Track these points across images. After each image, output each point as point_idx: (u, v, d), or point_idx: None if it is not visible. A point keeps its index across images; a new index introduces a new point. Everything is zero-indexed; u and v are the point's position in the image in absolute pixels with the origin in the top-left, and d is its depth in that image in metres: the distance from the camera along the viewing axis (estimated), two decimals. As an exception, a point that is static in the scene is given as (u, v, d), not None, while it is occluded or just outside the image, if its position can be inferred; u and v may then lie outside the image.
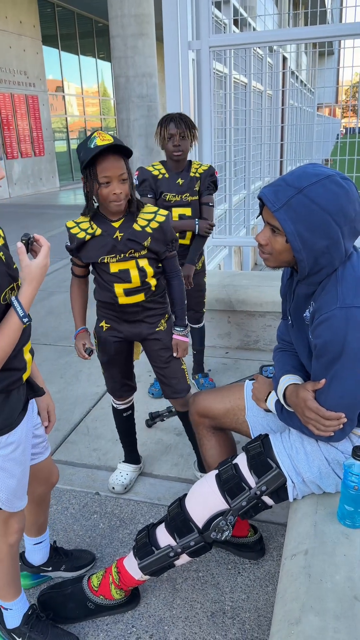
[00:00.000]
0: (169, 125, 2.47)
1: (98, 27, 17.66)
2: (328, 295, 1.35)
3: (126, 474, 2.32)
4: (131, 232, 1.87)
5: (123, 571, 1.68)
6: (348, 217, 1.30)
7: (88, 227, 1.89)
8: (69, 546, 2.03)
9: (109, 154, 1.71)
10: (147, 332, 2.05)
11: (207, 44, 3.38)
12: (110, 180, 1.73)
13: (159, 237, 1.90)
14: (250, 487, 1.51)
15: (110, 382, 2.20)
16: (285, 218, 1.32)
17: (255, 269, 7.71)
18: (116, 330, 2.06)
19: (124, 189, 1.77)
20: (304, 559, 1.31)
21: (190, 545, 1.56)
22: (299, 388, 1.43)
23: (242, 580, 1.86)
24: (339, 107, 13.83)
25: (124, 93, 8.65)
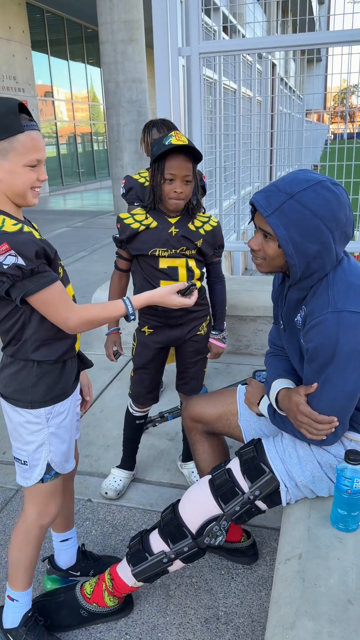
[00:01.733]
0: (152, 131, 2.46)
1: (87, 33, 17.70)
2: (319, 300, 1.36)
3: (119, 480, 2.31)
4: (186, 230, 1.93)
5: (116, 578, 1.67)
6: (339, 222, 1.32)
7: (143, 219, 1.93)
8: (61, 553, 2.02)
9: (180, 154, 1.79)
10: (189, 336, 2.08)
11: (197, 51, 3.39)
12: (174, 178, 1.81)
13: (209, 239, 1.99)
14: (244, 492, 1.51)
15: (138, 387, 2.18)
16: (277, 223, 1.34)
17: (245, 273, 7.73)
18: (159, 336, 2.07)
19: (186, 190, 1.84)
20: (297, 564, 1.31)
21: (184, 551, 1.56)
22: (291, 392, 1.44)
23: (235, 586, 1.86)
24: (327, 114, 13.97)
25: (113, 98, 8.65)
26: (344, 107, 6.47)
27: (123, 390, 3.19)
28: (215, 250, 2.05)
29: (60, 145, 16.99)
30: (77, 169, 18.02)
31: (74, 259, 6.87)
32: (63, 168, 16.91)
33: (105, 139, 19.41)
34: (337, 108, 10.46)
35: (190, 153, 1.81)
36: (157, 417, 2.66)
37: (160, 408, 2.95)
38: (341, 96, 8.36)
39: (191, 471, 2.33)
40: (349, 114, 5.84)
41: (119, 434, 2.75)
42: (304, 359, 1.50)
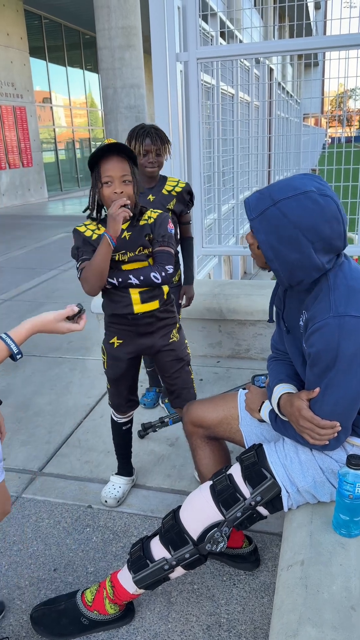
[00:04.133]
0: (145, 141, 2.40)
1: (85, 39, 17.76)
2: (321, 304, 1.36)
3: (119, 487, 2.29)
4: (137, 229, 1.91)
5: (117, 585, 1.66)
6: (321, 234, 1.31)
7: (95, 229, 1.92)
8: (61, 560, 2.01)
9: (113, 156, 1.78)
10: (161, 344, 2.05)
11: (195, 56, 3.41)
12: (112, 180, 1.79)
13: (154, 228, 1.94)
14: (245, 498, 1.50)
15: (116, 398, 2.17)
16: (258, 228, 1.36)
17: (244, 277, 7.74)
18: (129, 345, 2.04)
19: (127, 190, 1.81)
20: (300, 570, 1.30)
21: (186, 557, 1.55)
22: (293, 397, 1.43)
23: (237, 592, 1.84)
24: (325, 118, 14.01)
25: (112, 104, 8.69)
26: (341, 111, 6.48)
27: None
28: (162, 238, 1.94)
29: (59, 150, 17.03)
30: (76, 175, 18.05)
31: (73, 264, 6.86)
32: (62, 174, 16.94)
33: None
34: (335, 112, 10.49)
35: (123, 154, 1.79)
36: (157, 423, 2.65)
37: (160, 413, 2.95)
38: (338, 100, 8.40)
39: None
40: (346, 117, 5.85)
41: (119, 440, 2.74)
42: (306, 362, 1.50)
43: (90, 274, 1.82)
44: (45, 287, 5.81)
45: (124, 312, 1.95)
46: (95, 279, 1.82)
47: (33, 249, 7.63)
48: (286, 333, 1.56)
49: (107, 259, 1.80)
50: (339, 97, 7.00)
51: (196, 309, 3.27)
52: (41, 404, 3.16)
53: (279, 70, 16.09)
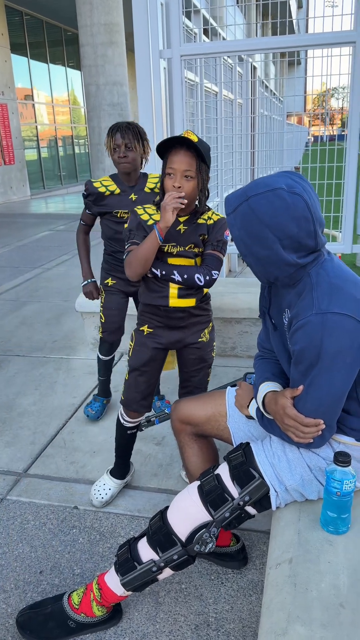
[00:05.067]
0: (115, 135, 2.37)
1: (67, 36, 17.62)
2: (304, 302, 1.35)
3: (109, 489, 2.25)
4: (194, 226, 1.90)
5: (104, 587, 1.64)
6: (287, 232, 1.31)
7: (153, 214, 1.93)
8: (47, 562, 1.98)
9: (181, 149, 1.77)
10: (190, 341, 2.05)
11: (179, 53, 3.39)
12: (174, 172, 1.79)
13: (212, 230, 1.94)
14: (233, 498, 1.50)
15: (132, 391, 2.09)
16: (233, 223, 1.38)
17: (229, 275, 7.74)
18: (158, 336, 2.03)
19: (186, 185, 1.80)
20: (288, 568, 1.30)
21: (174, 559, 1.54)
22: (278, 395, 1.43)
23: (225, 591, 1.84)
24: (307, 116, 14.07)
25: (94, 101, 8.64)
26: (323, 109, 6.53)
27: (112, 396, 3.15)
28: (217, 242, 1.97)
29: (41, 148, 16.87)
30: (59, 172, 17.91)
31: (56, 262, 6.80)
32: (44, 171, 16.78)
33: (86, 142, 19.32)
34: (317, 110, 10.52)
35: (192, 149, 1.78)
36: (143, 421, 2.63)
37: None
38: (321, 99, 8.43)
39: None
40: (328, 116, 5.88)
41: (104, 440, 2.73)
42: (290, 359, 1.50)
43: (135, 260, 1.83)
44: (28, 285, 5.76)
45: (159, 303, 1.95)
46: (139, 266, 1.84)
47: (16, 248, 7.55)
48: (273, 330, 1.56)
49: (154, 249, 1.82)
50: (321, 95, 7.03)
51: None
52: (25, 405, 3.12)
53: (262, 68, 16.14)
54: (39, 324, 4.48)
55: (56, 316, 4.61)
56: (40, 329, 4.35)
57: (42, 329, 4.35)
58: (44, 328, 4.38)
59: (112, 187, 2.52)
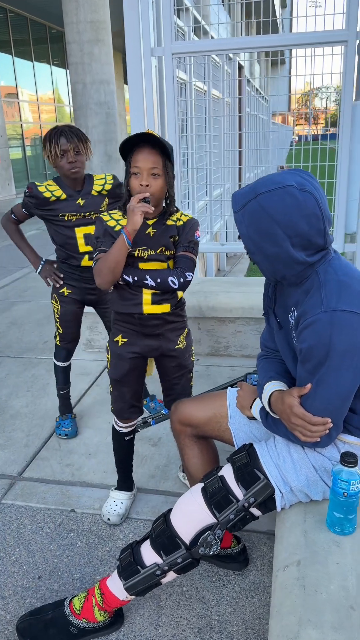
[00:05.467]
0: (59, 141, 2.26)
1: (52, 34, 17.47)
2: (312, 300, 1.34)
3: (120, 502, 2.16)
4: (163, 228, 1.84)
5: (107, 592, 1.62)
6: (298, 229, 1.30)
7: (120, 219, 1.85)
8: (46, 567, 1.95)
9: (145, 147, 1.72)
10: (167, 348, 1.99)
11: (170, 51, 3.36)
12: (140, 171, 1.73)
13: (182, 231, 1.89)
14: (238, 500, 1.48)
15: (119, 402, 2.06)
16: (240, 220, 1.37)
17: (218, 274, 7.74)
18: (134, 345, 1.96)
19: (154, 184, 1.74)
20: (297, 570, 1.29)
21: (178, 562, 1.52)
22: (284, 394, 1.42)
23: (227, 593, 1.82)
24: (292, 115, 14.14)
25: (81, 99, 8.56)
26: (307, 109, 6.54)
27: (102, 397, 3.13)
28: (188, 243, 1.90)
29: (26, 147, 16.72)
30: (44, 171, 17.77)
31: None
32: (29, 170, 16.64)
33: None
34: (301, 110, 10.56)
35: (157, 146, 1.73)
36: (140, 423, 2.61)
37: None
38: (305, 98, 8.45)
39: None
40: (312, 116, 5.90)
41: (100, 441, 2.70)
42: (297, 359, 1.48)
43: (104, 267, 1.76)
44: (16, 285, 5.69)
45: (132, 311, 1.89)
46: (108, 273, 1.77)
47: (3, 247, 7.46)
48: (278, 329, 1.54)
49: (123, 254, 1.75)
50: (305, 95, 7.04)
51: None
52: (18, 407, 3.08)
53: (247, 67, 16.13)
54: (29, 325, 4.42)
55: (46, 316, 4.56)
56: (31, 330, 4.30)
57: (33, 330, 4.30)
58: (35, 328, 4.33)
59: (57, 193, 2.41)
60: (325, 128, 8.28)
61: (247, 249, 1.38)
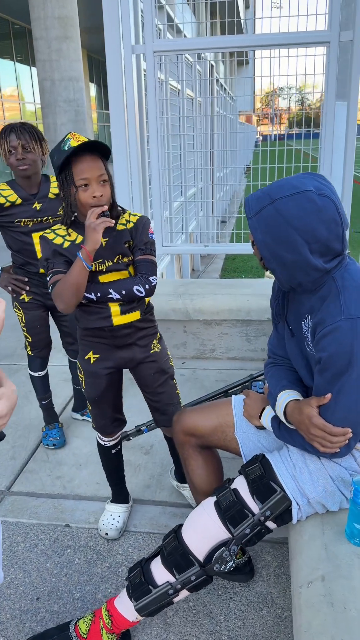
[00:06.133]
0: (9, 137, 2.15)
1: (15, 29, 17.07)
2: (331, 307, 1.31)
3: (118, 516, 2.08)
4: (115, 235, 1.72)
5: (115, 614, 1.55)
6: (317, 235, 1.27)
7: (66, 235, 1.72)
8: (44, 587, 1.87)
9: (85, 155, 1.60)
10: (142, 356, 1.88)
11: (152, 49, 3.29)
12: (88, 182, 1.61)
13: (135, 234, 1.77)
14: (254, 514, 1.44)
15: (100, 419, 1.97)
16: (256, 227, 1.33)
17: (193, 275, 7.70)
18: (107, 360, 1.85)
19: (105, 191, 1.64)
20: (322, 586, 1.25)
21: (191, 580, 1.46)
22: (302, 404, 1.37)
23: (235, 606, 1.78)
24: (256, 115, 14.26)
25: (49, 97, 8.39)
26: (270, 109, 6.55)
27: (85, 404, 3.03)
28: (144, 245, 1.79)
29: (-10, 145, 16.31)
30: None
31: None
32: (-7, 169, 16.24)
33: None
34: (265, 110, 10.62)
35: (96, 151, 1.63)
36: (132, 431, 2.54)
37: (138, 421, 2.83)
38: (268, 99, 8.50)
39: None
40: (276, 115, 5.92)
41: (90, 451, 2.61)
42: (310, 366, 1.45)
43: (65, 292, 1.62)
44: (-12, 289, 5.51)
45: (102, 325, 1.77)
46: (72, 297, 1.63)
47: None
48: (290, 337, 1.50)
49: (84, 276, 1.61)
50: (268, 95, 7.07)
51: (161, 309, 3.17)
52: (0, 416, 2.96)
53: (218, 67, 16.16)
54: (5, 330, 4.28)
55: (22, 321, 4.42)
56: (7, 335, 4.15)
57: (9, 335, 4.15)
58: (11, 334, 4.17)
59: (12, 198, 2.28)
60: (289, 128, 8.32)
61: (262, 256, 1.33)
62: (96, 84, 19.42)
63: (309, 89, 4.39)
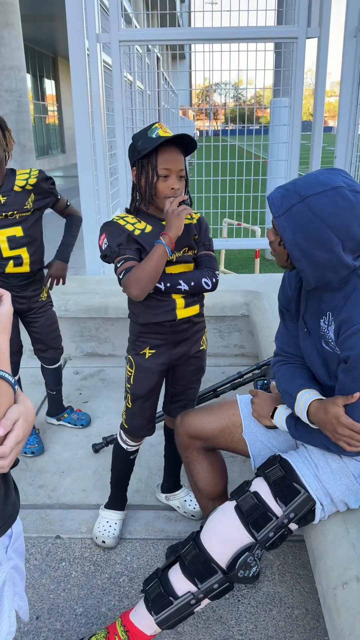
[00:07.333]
0: None
1: None
2: (358, 305, 1.29)
3: (114, 523, 2.00)
4: (185, 229, 1.69)
5: (132, 629, 1.48)
6: (351, 232, 1.25)
7: (136, 222, 1.69)
8: (42, 605, 1.77)
9: (172, 147, 1.63)
10: (192, 352, 1.85)
11: (117, 38, 3.19)
12: (169, 173, 1.63)
13: (200, 229, 1.81)
14: (277, 516, 1.41)
15: (138, 419, 1.88)
16: (284, 226, 1.28)
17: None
18: (162, 356, 1.80)
19: (181, 185, 1.65)
20: (358, 587, 1.24)
21: (214, 588, 1.42)
22: (327, 404, 1.35)
23: (244, 609, 1.75)
24: (193, 110, 14.34)
25: (-10, 86, 8.02)
26: (207, 104, 6.59)
27: (62, 407, 2.92)
28: (207, 242, 1.83)
29: None
30: None
31: None
32: None
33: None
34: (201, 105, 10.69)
35: (181, 145, 1.64)
36: (101, 443, 2.47)
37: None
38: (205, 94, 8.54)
39: (184, 500, 2.12)
40: (212, 111, 5.96)
41: (71, 457, 2.51)
42: (327, 364, 1.43)
43: (144, 277, 1.58)
44: None
45: (165, 318, 1.72)
46: (149, 283, 1.60)
47: None
48: (307, 335, 1.48)
49: (163, 263, 1.61)
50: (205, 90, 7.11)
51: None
52: (-32, 424, 2.79)
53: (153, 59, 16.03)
54: None
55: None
56: None
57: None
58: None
59: None
60: (225, 124, 8.40)
61: (292, 256, 1.29)
62: (32, 74, 18.82)
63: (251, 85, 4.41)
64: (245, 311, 3.27)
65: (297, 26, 3.13)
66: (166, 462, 2.16)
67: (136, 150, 1.64)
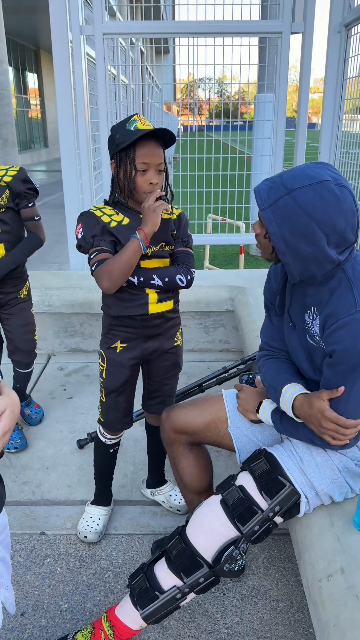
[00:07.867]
0: None
1: None
2: (344, 299, 1.30)
3: (98, 519, 2.00)
4: (163, 223, 1.67)
5: (118, 624, 1.48)
6: (336, 227, 1.26)
7: (113, 214, 1.68)
8: (27, 602, 1.75)
9: (150, 140, 1.61)
10: (166, 348, 1.84)
11: (101, 31, 3.16)
12: (148, 167, 1.61)
13: (179, 225, 1.79)
14: (262, 510, 1.41)
15: (113, 413, 1.88)
16: (270, 218, 1.28)
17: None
18: (134, 350, 1.79)
19: (160, 180, 1.63)
20: (343, 579, 1.25)
21: (200, 582, 1.42)
22: (312, 398, 1.36)
23: (229, 602, 1.76)
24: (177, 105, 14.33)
25: (-29, 79, 7.90)
26: (191, 99, 6.57)
27: (44, 403, 2.90)
28: (183, 240, 1.82)
29: None
30: None
31: None
32: None
33: None
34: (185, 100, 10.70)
35: (160, 139, 1.63)
36: (85, 439, 2.46)
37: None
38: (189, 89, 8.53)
39: (169, 495, 2.12)
40: (197, 106, 5.95)
41: (55, 453, 2.50)
42: (311, 358, 1.44)
43: (117, 270, 1.59)
44: None
45: (137, 312, 1.72)
46: (121, 276, 1.60)
47: None
48: (292, 329, 1.48)
49: (137, 257, 1.61)
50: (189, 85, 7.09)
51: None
52: None
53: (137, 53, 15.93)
54: None
55: None
56: None
57: None
58: None
59: None
60: (209, 119, 8.39)
61: (277, 249, 1.29)
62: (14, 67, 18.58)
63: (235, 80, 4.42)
64: (230, 306, 3.27)
65: (281, 21, 3.14)
66: (150, 458, 2.16)
67: (114, 142, 1.63)
